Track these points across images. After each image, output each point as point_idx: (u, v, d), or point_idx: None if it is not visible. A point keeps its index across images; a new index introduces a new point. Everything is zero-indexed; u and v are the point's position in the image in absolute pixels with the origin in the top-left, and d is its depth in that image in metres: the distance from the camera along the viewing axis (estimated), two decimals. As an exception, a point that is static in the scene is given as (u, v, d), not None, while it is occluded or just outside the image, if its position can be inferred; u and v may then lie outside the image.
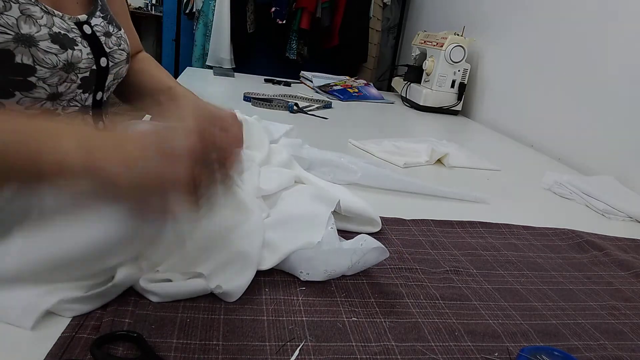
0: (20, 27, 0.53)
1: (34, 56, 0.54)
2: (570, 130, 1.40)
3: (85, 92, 0.64)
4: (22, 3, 0.54)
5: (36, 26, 0.54)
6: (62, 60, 0.57)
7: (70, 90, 0.61)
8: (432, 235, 0.71)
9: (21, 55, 0.53)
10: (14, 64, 0.52)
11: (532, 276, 0.64)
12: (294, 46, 2.59)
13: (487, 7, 1.90)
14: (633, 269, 0.69)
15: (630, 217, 0.93)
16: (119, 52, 0.69)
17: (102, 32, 0.66)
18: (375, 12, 2.64)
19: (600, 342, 0.51)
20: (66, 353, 0.38)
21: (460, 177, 1.07)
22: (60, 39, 0.57)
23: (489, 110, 1.83)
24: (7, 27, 0.51)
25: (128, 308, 0.44)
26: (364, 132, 1.43)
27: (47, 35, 0.55)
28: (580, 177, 1.09)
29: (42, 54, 0.55)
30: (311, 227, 0.59)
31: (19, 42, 0.52)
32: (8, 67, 0.52)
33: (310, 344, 0.44)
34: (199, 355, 0.40)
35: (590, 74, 1.34)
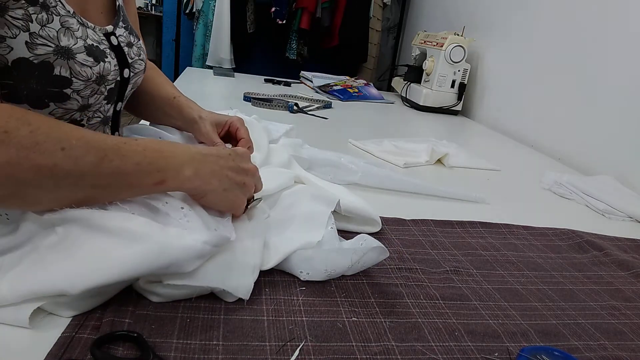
0: (60, 40, 0.53)
1: (72, 68, 0.54)
2: (570, 130, 1.40)
3: (109, 103, 0.64)
4: (63, 15, 0.54)
5: (73, 39, 0.55)
6: (95, 72, 0.58)
7: (98, 102, 0.61)
8: (432, 235, 0.71)
9: (60, 67, 0.53)
10: (52, 75, 0.53)
11: (532, 276, 0.64)
12: (294, 46, 2.59)
13: (487, 7, 1.91)
14: (633, 269, 0.69)
15: (630, 217, 0.93)
16: (139, 62, 0.69)
17: (125, 43, 0.66)
18: (375, 12, 2.64)
19: (600, 342, 0.51)
20: (66, 353, 0.38)
21: (460, 177, 1.07)
22: (94, 51, 0.58)
23: (489, 110, 1.83)
24: (48, 40, 0.52)
25: (128, 308, 0.44)
26: (364, 132, 1.43)
27: (83, 47, 0.56)
28: (580, 177, 1.09)
29: (79, 66, 0.55)
30: (311, 227, 0.59)
31: (59, 55, 0.53)
32: (47, 79, 0.53)
33: (310, 344, 0.44)
34: (199, 355, 0.40)
35: (590, 74, 1.34)
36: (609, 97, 1.27)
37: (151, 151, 0.47)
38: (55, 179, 0.42)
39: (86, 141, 0.43)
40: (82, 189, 0.44)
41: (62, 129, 0.43)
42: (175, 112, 0.78)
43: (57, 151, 0.41)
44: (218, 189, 0.51)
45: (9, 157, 0.39)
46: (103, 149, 0.44)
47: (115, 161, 0.44)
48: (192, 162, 0.50)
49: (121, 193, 0.47)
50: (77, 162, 0.42)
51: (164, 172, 0.47)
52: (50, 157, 0.41)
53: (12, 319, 0.40)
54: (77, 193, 0.44)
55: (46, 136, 0.41)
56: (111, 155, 0.44)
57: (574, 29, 1.43)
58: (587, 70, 1.36)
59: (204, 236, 0.45)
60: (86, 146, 0.43)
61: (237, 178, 0.54)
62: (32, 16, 0.50)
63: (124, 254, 0.42)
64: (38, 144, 0.41)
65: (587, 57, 1.36)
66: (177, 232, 0.46)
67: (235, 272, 0.49)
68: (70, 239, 0.44)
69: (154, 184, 0.47)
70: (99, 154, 0.44)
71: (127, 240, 0.44)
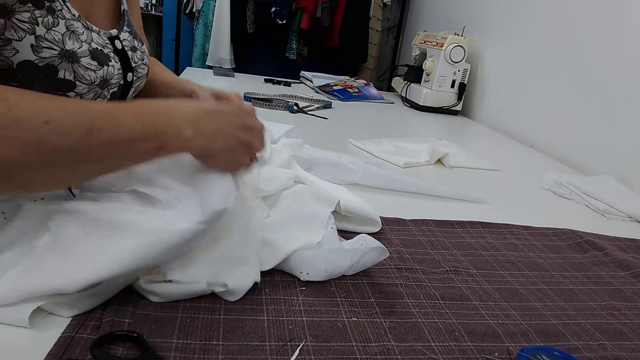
0: (65, 43, 0.53)
1: (76, 72, 0.54)
2: (570, 130, 1.40)
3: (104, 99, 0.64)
4: (68, 19, 0.54)
5: (78, 42, 0.55)
6: (99, 76, 0.57)
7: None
8: (432, 235, 0.71)
9: (64, 70, 0.53)
10: (56, 79, 0.53)
11: (532, 276, 0.64)
12: (294, 46, 2.59)
13: (487, 7, 1.90)
14: (633, 269, 0.69)
15: (630, 217, 0.93)
16: (142, 66, 0.69)
17: (129, 47, 0.65)
18: (375, 12, 2.64)
19: (600, 342, 0.51)
20: (66, 353, 0.38)
21: (460, 177, 1.07)
22: (98, 55, 0.57)
23: (489, 110, 1.83)
24: (53, 43, 0.51)
25: (128, 308, 0.44)
26: (364, 132, 1.43)
27: (88, 51, 0.56)
28: (580, 177, 1.09)
29: (83, 70, 0.55)
30: (311, 227, 0.59)
31: (63, 58, 0.53)
32: (51, 82, 0.53)
33: (310, 344, 0.44)
34: (199, 355, 0.40)
35: (590, 74, 1.34)
36: (609, 97, 1.27)
37: (145, 114, 0.44)
38: (44, 156, 0.40)
39: (71, 111, 0.41)
40: (76, 164, 0.42)
41: (44, 101, 0.41)
42: (177, 90, 0.78)
43: (40, 126, 0.39)
44: (223, 148, 0.49)
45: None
46: (90, 118, 0.41)
47: (106, 130, 0.41)
48: (194, 120, 0.47)
49: (119, 164, 0.45)
50: (64, 136, 0.40)
51: (162, 134, 0.44)
52: (34, 132, 0.39)
53: (12, 319, 0.40)
54: (71, 169, 0.42)
55: (27, 111, 0.39)
56: (100, 123, 0.41)
57: (574, 29, 1.43)
58: (587, 70, 1.36)
59: (199, 216, 0.45)
60: (72, 117, 0.41)
61: (243, 136, 0.51)
62: (38, 19, 0.50)
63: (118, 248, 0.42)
64: (19, 120, 0.39)
65: (587, 57, 1.36)
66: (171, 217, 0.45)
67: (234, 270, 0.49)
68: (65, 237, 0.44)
69: (154, 149, 0.44)
70: (86, 125, 0.41)
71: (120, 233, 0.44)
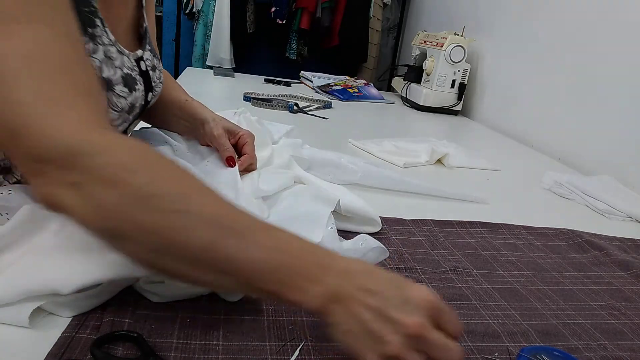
0: (102, 71, 0.51)
1: (109, 100, 0.53)
2: (570, 130, 1.40)
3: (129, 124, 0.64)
4: (106, 45, 0.52)
5: (113, 69, 0.53)
6: (128, 103, 0.56)
7: (123, 128, 0.61)
8: (432, 235, 0.71)
9: None
10: None
11: (532, 276, 0.64)
12: (294, 46, 2.59)
13: (487, 7, 1.90)
14: (633, 269, 0.69)
15: (630, 217, 0.93)
16: (159, 85, 0.67)
17: (150, 67, 0.63)
18: (375, 12, 2.64)
19: (600, 342, 0.51)
20: (66, 353, 0.38)
21: (460, 177, 1.07)
22: (128, 81, 0.56)
23: (489, 110, 1.83)
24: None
25: (128, 308, 0.44)
26: (364, 132, 1.43)
27: (120, 78, 0.54)
28: (580, 177, 1.09)
29: (116, 98, 0.54)
30: (311, 227, 0.59)
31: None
32: None
33: (310, 344, 0.44)
34: (199, 355, 0.40)
35: (590, 74, 1.34)
36: (609, 97, 1.27)
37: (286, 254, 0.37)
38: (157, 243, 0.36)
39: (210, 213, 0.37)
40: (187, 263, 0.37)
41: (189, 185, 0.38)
42: (186, 113, 0.76)
43: (169, 212, 0.35)
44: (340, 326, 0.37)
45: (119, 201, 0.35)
46: (224, 226, 0.36)
47: (232, 247, 0.36)
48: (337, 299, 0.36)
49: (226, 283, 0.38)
50: (188, 234, 0.35)
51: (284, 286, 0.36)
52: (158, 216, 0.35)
53: (12, 319, 0.40)
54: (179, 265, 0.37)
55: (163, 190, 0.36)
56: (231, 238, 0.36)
57: (574, 29, 1.42)
58: (587, 70, 1.36)
59: None
60: (209, 217, 0.36)
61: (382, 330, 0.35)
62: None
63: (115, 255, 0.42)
64: (152, 197, 0.36)
65: (587, 57, 1.36)
66: None
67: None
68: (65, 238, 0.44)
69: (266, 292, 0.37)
70: (217, 232, 0.36)
71: None
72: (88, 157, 0.35)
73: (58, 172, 0.36)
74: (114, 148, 0.37)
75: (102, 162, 0.36)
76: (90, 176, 0.35)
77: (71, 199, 0.36)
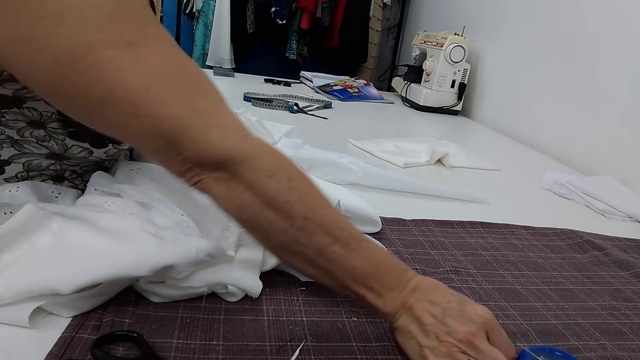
0: None
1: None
2: (570, 130, 1.40)
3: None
4: None
5: None
6: None
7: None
8: (432, 235, 0.71)
9: None
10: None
11: (532, 276, 0.64)
12: (294, 46, 2.59)
13: (487, 7, 1.90)
14: (633, 269, 0.69)
15: (630, 217, 0.93)
16: None
17: None
18: (375, 12, 2.64)
19: (601, 342, 0.51)
20: (66, 353, 0.38)
21: (460, 177, 1.07)
22: None
23: (489, 110, 1.83)
24: None
25: (128, 308, 0.44)
26: (364, 132, 1.43)
27: None
28: (580, 177, 1.09)
29: None
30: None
31: None
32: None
33: (310, 344, 0.44)
34: (199, 355, 0.40)
35: (590, 74, 1.34)
36: (609, 97, 1.27)
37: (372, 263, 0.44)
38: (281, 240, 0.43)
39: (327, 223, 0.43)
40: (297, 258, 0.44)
41: (315, 199, 0.44)
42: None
43: (298, 218, 0.42)
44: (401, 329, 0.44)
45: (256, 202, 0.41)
46: (336, 236, 0.43)
47: (338, 253, 0.43)
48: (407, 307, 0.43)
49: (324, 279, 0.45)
50: (308, 237, 0.42)
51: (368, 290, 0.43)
52: (289, 221, 0.42)
53: (13, 319, 0.40)
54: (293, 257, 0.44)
55: (298, 199, 0.42)
56: (339, 245, 0.43)
57: (574, 29, 1.42)
58: (587, 70, 1.36)
59: (198, 244, 0.45)
60: (326, 227, 0.43)
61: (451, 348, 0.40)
62: None
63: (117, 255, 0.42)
64: (288, 204, 0.42)
65: (587, 57, 1.36)
66: (173, 237, 0.46)
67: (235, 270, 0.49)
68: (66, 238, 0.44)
69: (353, 292, 0.44)
70: (329, 239, 0.43)
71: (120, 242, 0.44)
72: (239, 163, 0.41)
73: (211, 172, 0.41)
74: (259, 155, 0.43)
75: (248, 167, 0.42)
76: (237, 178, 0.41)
77: (220, 191, 0.42)
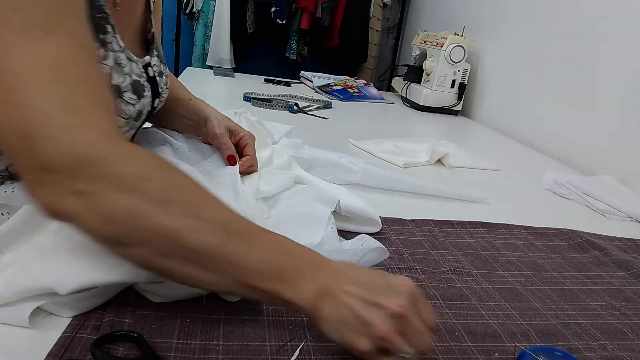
0: (112, 78, 0.51)
1: (117, 107, 0.53)
2: (570, 130, 1.40)
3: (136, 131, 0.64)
4: (116, 51, 0.51)
5: (122, 76, 0.53)
6: (136, 110, 0.56)
7: (130, 135, 0.61)
8: (432, 235, 0.71)
9: None
10: None
11: (532, 276, 0.64)
12: (294, 46, 2.59)
13: (487, 7, 1.90)
14: (633, 269, 0.69)
15: (630, 217, 0.93)
16: (165, 90, 0.67)
17: (157, 73, 0.63)
18: (375, 12, 2.64)
19: (601, 342, 0.51)
20: (66, 353, 0.38)
21: (460, 177, 1.07)
22: (137, 88, 0.56)
23: (489, 110, 1.83)
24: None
25: (128, 308, 0.44)
26: (364, 132, 1.43)
27: (129, 85, 0.54)
28: (580, 177, 1.09)
29: (124, 105, 0.54)
30: (311, 228, 0.59)
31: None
32: None
33: (310, 344, 0.44)
34: (199, 355, 0.40)
35: (590, 74, 1.34)
36: (609, 97, 1.27)
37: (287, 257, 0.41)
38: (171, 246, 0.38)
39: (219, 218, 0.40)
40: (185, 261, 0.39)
41: (199, 194, 0.41)
42: (189, 112, 0.76)
43: (186, 217, 0.38)
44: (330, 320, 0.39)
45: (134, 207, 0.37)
46: (232, 231, 0.40)
47: (238, 248, 0.39)
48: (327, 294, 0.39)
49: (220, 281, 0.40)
50: (201, 237, 0.38)
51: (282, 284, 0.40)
52: (175, 223, 0.37)
53: (13, 319, 0.40)
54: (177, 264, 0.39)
55: (177, 197, 0.39)
56: (237, 240, 0.39)
57: (574, 29, 1.42)
58: (587, 70, 1.36)
59: None
60: (218, 222, 0.39)
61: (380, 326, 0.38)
62: None
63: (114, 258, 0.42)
64: (168, 203, 0.38)
65: (587, 57, 1.36)
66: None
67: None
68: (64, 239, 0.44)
69: (263, 291, 0.40)
70: (224, 235, 0.39)
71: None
72: (104, 167, 0.37)
73: (68, 181, 0.36)
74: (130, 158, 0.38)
75: (118, 171, 0.37)
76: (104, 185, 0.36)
77: (79, 207, 0.36)
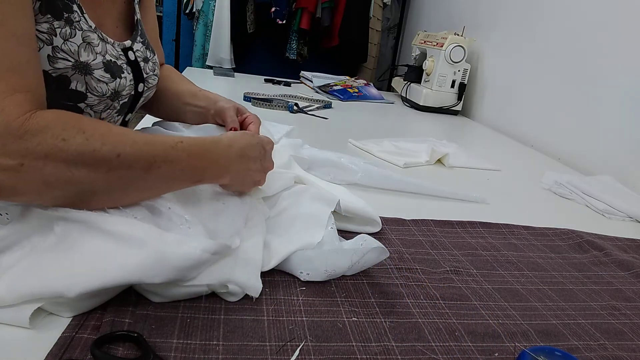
0: (80, 55, 0.53)
1: (88, 84, 0.55)
2: (570, 130, 1.40)
3: (119, 115, 0.65)
4: (85, 30, 0.54)
5: (93, 54, 0.55)
6: (110, 89, 0.58)
7: (110, 116, 0.62)
8: (432, 235, 0.71)
9: (76, 82, 0.54)
10: (68, 89, 0.53)
11: (532, 276, 0.64)
12: (294, 46, 2.59)
13: (487, 7, 1.90)
14: (633, 269, 0.69)
15: (630, 217, 0.93)
16: (153, 77, 0.69)
17: (141, 58, 0.66)
18: (375, 12, 2.64)
19: (601, 342, 0.51)
20: (66, 353, 0.38)
21: (460, 177, 1.07)
22: (111, 67, 0.58)
23: (489, 110, 1.83)
24: (69, 54, 0.52)
25: (128, 308, 0.44)
26: (364, 132, 1.43)
27: (102, 63, 0.56)
28: (580, 177, 1.09)
29: (95, 82, 0.56)
30: (311, 227, 0.59)
31: (77, 70, 0.53)
32: (63, 93, 0.53)
33: (310, 344, 0.44)
34: (199, 355, 0.40)
35: (590, 74, 1.34)
36: (609, 97, 1.27)
37: (196, 158, 0.52)
38: (109, 183, 0.45)
39: (139, 147, 0.47)
40: (132, 190, 0.48)
41: (116, 134, 0.46)
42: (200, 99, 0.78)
43: (113, 158, 0.45)
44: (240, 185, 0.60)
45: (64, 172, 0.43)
46: (153, 156, 0.48)
47: (163, 167, 0.48)
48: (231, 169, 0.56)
49: (165, 190, 0.52)
50: (129, 168, 0.46)
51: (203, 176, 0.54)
52: (105, 163, 0.44)
53: (13, 319, 0.40)
54: (127, 194, 0.48)
55: (102, 143, 0.44)
56: (160, 161, 0.48)
57: (574, 29, 1.43)
58: (587, 70, 1.36)
59: (202, 244, 0.45)
60: (139, 153, 0.47)
61: (257, 177, 0.61)
62: (56, 30, 0.50)
63: (122, 260, 0.42)
64: (95, 151, 0.44)
65: (588, 57, 1.36)
66: (177, 239, 0.46)
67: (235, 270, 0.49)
68: (69, 241, 0.44)
69: (192, 183, 0.54)
70: (149, 160, 0.47)
71: (126, 246, 0.44)
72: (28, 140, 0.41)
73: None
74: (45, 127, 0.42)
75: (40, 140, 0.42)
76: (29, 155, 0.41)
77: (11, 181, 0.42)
